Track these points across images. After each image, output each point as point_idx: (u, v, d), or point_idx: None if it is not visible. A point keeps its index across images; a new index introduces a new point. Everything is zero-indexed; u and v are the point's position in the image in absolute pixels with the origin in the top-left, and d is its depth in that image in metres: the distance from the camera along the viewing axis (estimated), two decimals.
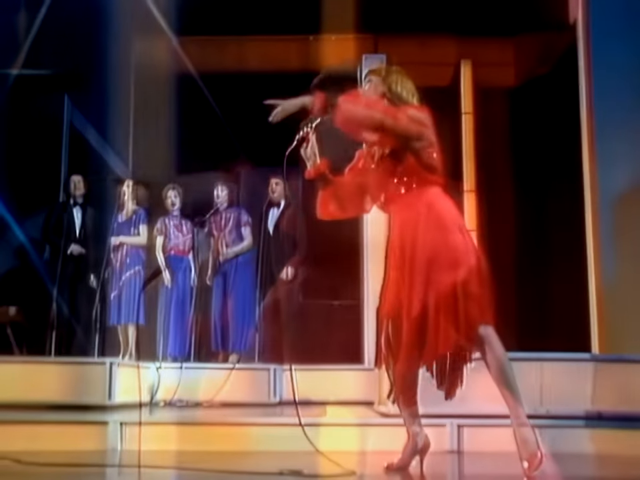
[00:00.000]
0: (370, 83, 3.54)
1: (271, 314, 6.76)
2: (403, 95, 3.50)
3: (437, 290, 3.22)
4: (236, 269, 6.88)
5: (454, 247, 3.28)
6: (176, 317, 6.86)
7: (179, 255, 7.05)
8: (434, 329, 3.21)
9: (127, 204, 7.12)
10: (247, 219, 7.01)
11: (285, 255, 6.82)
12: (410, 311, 3.24)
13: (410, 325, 3.24)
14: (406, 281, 3.28)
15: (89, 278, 7.01)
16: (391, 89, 3.50)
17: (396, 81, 3.52)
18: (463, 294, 3.21)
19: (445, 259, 3.25)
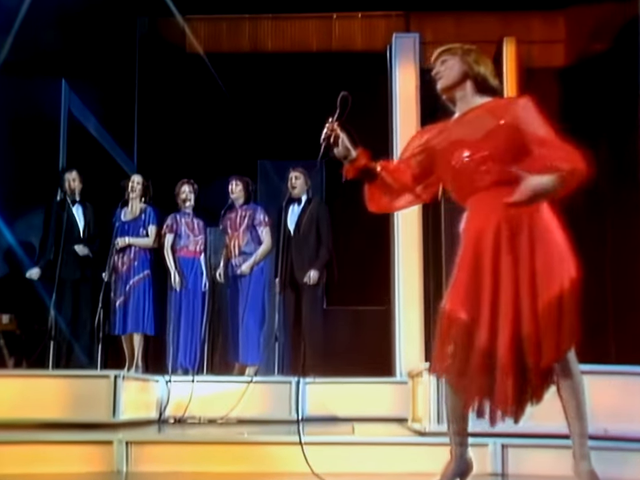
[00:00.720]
0: (445, 63, 3.40)
1: (292, 321, 6.77)
2: (488, 77, 3.39)
3: (542, 300, 3.11)
4: (252, 271, 6.87)
5: (559, 256, 3.16)
6: (186, 324, 6.88)
7: (189, 256, 7.06)
8: (535, 342, 3.12)
9: (134, 201, 7.12)
10: (264, 217, 6.98)
11: (306, 256, 6.81)
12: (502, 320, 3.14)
13: (505, 335, 3.13)
14: (492, 286, 3.16)
15: (91, 282, 7.05)
16: (473, 69, 3.37)
17: (476, 60, 3.39)
18: (567, 306, 3.10)
19: (549, 269, 3.14)
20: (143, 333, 6.90)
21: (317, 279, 6.74)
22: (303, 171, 6.95)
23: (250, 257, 6.86)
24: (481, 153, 3.25)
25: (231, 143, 8.54)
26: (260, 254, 6.88)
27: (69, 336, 6.90)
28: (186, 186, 7.10)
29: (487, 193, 3.24)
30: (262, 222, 6.95)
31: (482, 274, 3.18)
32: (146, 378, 6.07)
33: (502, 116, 3.27)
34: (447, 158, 3.33)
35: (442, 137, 3.39)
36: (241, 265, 6.83)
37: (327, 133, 3.31)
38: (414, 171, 3.42)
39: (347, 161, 3.35)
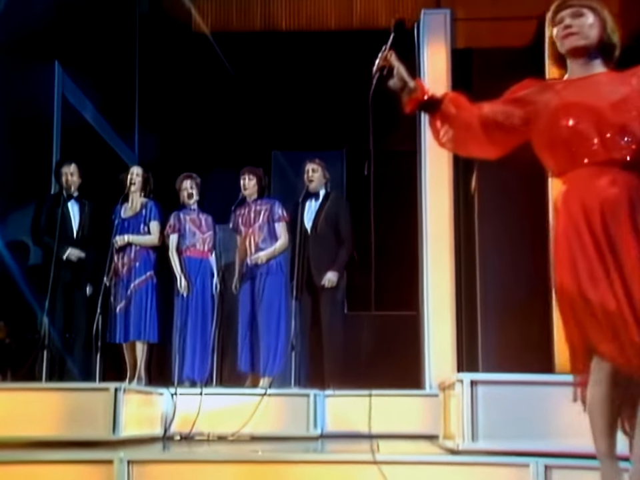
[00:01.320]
0: (581, 18, 3.19)
1: (310, 328, 6.77)
2: (617, 49, 3.23)
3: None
4: (267, 273, 6.85)
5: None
6: (194, 331, 6.88)
7: (196, 256, 7.05)
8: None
9: (134, 196, 7.13)
10: (281, 212, 6.96)
11: (325, 256, 6.80)
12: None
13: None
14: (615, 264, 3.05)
15: (87, 286, 7.06)
16: (610, 35, 3.21)
17: (613, 28, 3.23)
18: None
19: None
20: (146, 340, 6.90)
21: (337, 281, 6.74)
22: (320, 162, 6.94)
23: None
24: (613, 121, 3.09)
25: (241, 132, 8.54)
26: (276, 248, 6.87)
27: (64, 345, 6.92)
28: (188, 181, 7.09)
29: (601, 166, 3.09)
30: (280, 217, 6.94)
31: (601, 251, 3.04)
32: (149, 390, 6.06)
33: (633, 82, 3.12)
34: (557, 120, 3.15)
35: (553, 95, 3.21)
36: (258, 261, 6.83)
37: (379, 63, 3.18)
38: (494, 117, 3.22)
39: (404, 93, 3.20)
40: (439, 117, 3.26)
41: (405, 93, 3.18)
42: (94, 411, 5.12)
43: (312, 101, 8.33)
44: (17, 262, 7.21)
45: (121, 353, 6.98)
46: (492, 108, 3.27)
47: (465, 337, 6.36)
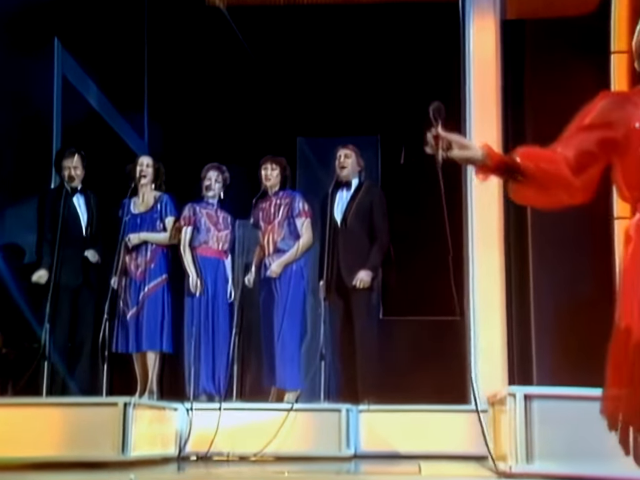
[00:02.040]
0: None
1: (340, 335, 6.75)
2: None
3: None
4: (290, 274, 6.84)
5: None
6: (206, 339, 6.90)
7: (210, 255, 7.05)
8: None
9: (145, 189, 7.14)
10: (303, 206, 6.94)
11: (357, 254, 6.78)
12: None
13: None
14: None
15: (94, 290, 7.08)
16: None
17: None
18: None
19: None
20: (158, 350, 6.92)
21: (370, 281, 6.70)
22: (353, 148, 6.93)
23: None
24: None
25: (262, 117, 8.50)
26: (296, 251, 6.86)
27: (67, 355, 6.95)
28: (213, 172, 7.09)
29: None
30: (301, 212, 6.92)
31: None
32: (162, 405, 6.09)
33: None
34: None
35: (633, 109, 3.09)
36: (274, 271, 6.81)
37: (433, 145, 3.11)
38: (578, 153, 3.11)
39: (473, 163, 3.17)
40: (517, 178, 3.17)
41: (474, 163, 3.10)
42: (101, 428, 5.15)
43: (341, 81, 8.26)
44: (11, 262, 7.23)
45: (130, 364, 7.00)
46: (574, 146, 3.16)
47: (516, 345, 6.32)
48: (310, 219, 6.93)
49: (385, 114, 8.16)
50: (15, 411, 5.36)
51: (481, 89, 6.50)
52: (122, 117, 8.66)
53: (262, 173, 6.99)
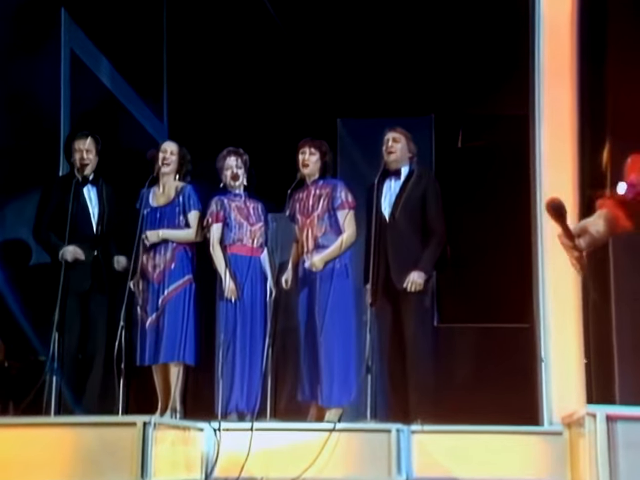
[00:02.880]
0: None
1: (390, 344, 6.71)
2: None
3: None
4: (329, 278, 6.83)
5: None
6: (243, 349, 6.90)
7: (244, 253, 7.04)
8: None
9: (167, 179, 7.15)
10: (344, 197, 6.92)
11: (408, 251, 6.76)
12: None
13: None
14: None
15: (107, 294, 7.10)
16: None
17: None
18: None
19: None
20: (181, 362, 6.91)
21: (424, 284, 6.67)
22: (404, 131, 6.89)
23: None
24: None
25: (297, 96, 8.51)
26: (339, 246, 6.84)
27: (78, 368, 6.97)
28: (232, 158, 7.09)
29: None
30: (343, 202, 6.90)
31: None
32: (186, 425, 6.10)
33: None
34: None
35: None
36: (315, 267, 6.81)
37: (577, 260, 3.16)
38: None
39: None
40: None
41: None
42: (117, 450, 5.19)
43: (388, 53, 8.27)
44: (15, 264, 7.25)
45: (149, 378, 7.01)
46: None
47: (594, 357, 6.23)
48: (353, 211, 6.91)
49: (439, 90, 8.13)
50: (19, 431, 5.40)
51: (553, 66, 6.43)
52: (139, 98, 8.73)
53: (299, 158, 6.97)
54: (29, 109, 7.60)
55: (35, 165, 7.61)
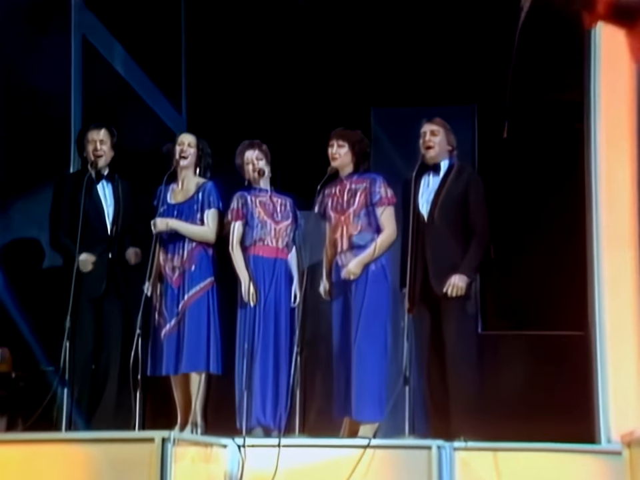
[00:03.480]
0: None
1: (429, 354, 6.70)
2: None
3: None
4: (368, 275, 6.81)
5: None
6: (265, 359, 6.90)
7: (268, 255, 7.04)
8: None
9: (185, 174, 7.15)
10: (384, 192, 6.89)
11: (449, 253, 6.74)
12: None
13: None
14: None
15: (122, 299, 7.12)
16: None
17: None
18: None
19: None
20: (203, 372, 6.91)
21: (466, 288, 6.64)
22: (442, 123, 6.86)
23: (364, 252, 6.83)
24: None
25: (326, 83, 8.48)
26: (376, 247, 6.82)
27: (91, 379, 7.00)
28: (250, 151, 7.10)
29: None
30: (383, 198, 6.88)
31: None
32: (208, 441, 6.11)
33: None
34: None
35: None
36: (351, 272, 6.79)
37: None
38: None
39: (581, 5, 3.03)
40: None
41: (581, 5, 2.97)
42: (134, 469, 5.25)
43: (427, 35, 8.22)
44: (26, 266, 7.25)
45: (168, 390, 7.02)
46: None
47: None
48: (393, 207, 6.90)
49: (483, 76, 8.05)
50: (27, 448, 5.45)
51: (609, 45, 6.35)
52: (156, 88, 8.73)
53: (329, 152, 6.97)
54: (37, 100, 7.63)
55: (44, 159, 7.64)
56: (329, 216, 6.97)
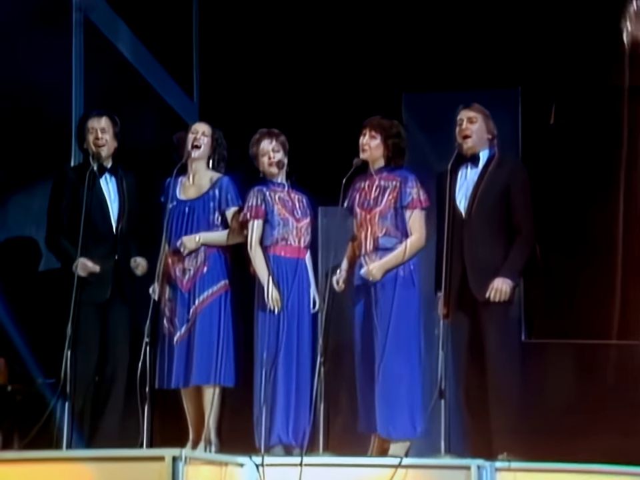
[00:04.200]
0: None
1: (468, 364, 6.71)
2: None
3: None
4: (396, 279, 6.82)
5: None
6: (288, 370, 6.92)
7: (290, 255, 7.05)
8: None
9: (197, 167, 7.18)
10: (416, 193, 6.89)
11: (491, 255, 6.74)
12: None
13: None
14: None
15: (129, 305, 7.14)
16: None
17: None
18: None
19: None
20: (217, 385, 6.91)
21: (510, 292, 6.63)
22: (481, 109, 6.85)
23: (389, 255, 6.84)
24: None
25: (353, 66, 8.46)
26: (402, 253, 6.84)
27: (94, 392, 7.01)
28: (266, 141, 7.12)
29: None
30: (415, 200, 6.88)
31: None
32: (223, 460, 6.09)
33: None
34: None
35: None
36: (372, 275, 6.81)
37: None
38: None
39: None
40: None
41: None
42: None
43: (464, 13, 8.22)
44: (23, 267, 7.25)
45: (179, 404, 7.04)
46: None
47: None
48: (425, 212, 6.90)
49: (527, 57, 8.02)
50: (25, 468, 5.44)
51: None
52: (165, 72, 8.76)
53: (361, 141, 6.96)
54: (35, 86, 7.61)
55: (43, 152, 7.68)
56: (355, 212, 6.97)
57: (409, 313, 6.82)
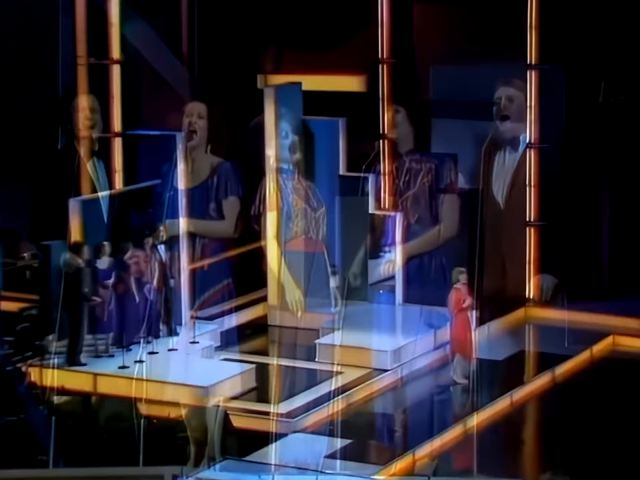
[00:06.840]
0: None
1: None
2: None
3: None
4: (420, 272, 6.95)
5: None
6: None
7: (308, 250, 7.10)
8: None
9: (197, 152, 7.34)
10: (455, 177, 6.99)
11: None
12: None
13: None
14: None
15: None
16: None
17: None
18: None
19: None
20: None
21: (554, 290, 6.81)
22: (522, 86, 6.98)
23: None
24: None
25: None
26: (434, 237, 7.04)
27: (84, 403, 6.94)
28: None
29: None
30: (453, 184, 6.98)
31: None
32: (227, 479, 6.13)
33: None
34: None
35: None
36: None
37: None
38: None
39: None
40: None
41: None
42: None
43: None
44: None
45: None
46: None
47: None
48: (457, 196, 6.98)
49: (572, 31, 8.02)
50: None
51: None
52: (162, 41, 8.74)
53: (382, 120, 7.07)
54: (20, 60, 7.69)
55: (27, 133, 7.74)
56: (380, 198, 7.00)
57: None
